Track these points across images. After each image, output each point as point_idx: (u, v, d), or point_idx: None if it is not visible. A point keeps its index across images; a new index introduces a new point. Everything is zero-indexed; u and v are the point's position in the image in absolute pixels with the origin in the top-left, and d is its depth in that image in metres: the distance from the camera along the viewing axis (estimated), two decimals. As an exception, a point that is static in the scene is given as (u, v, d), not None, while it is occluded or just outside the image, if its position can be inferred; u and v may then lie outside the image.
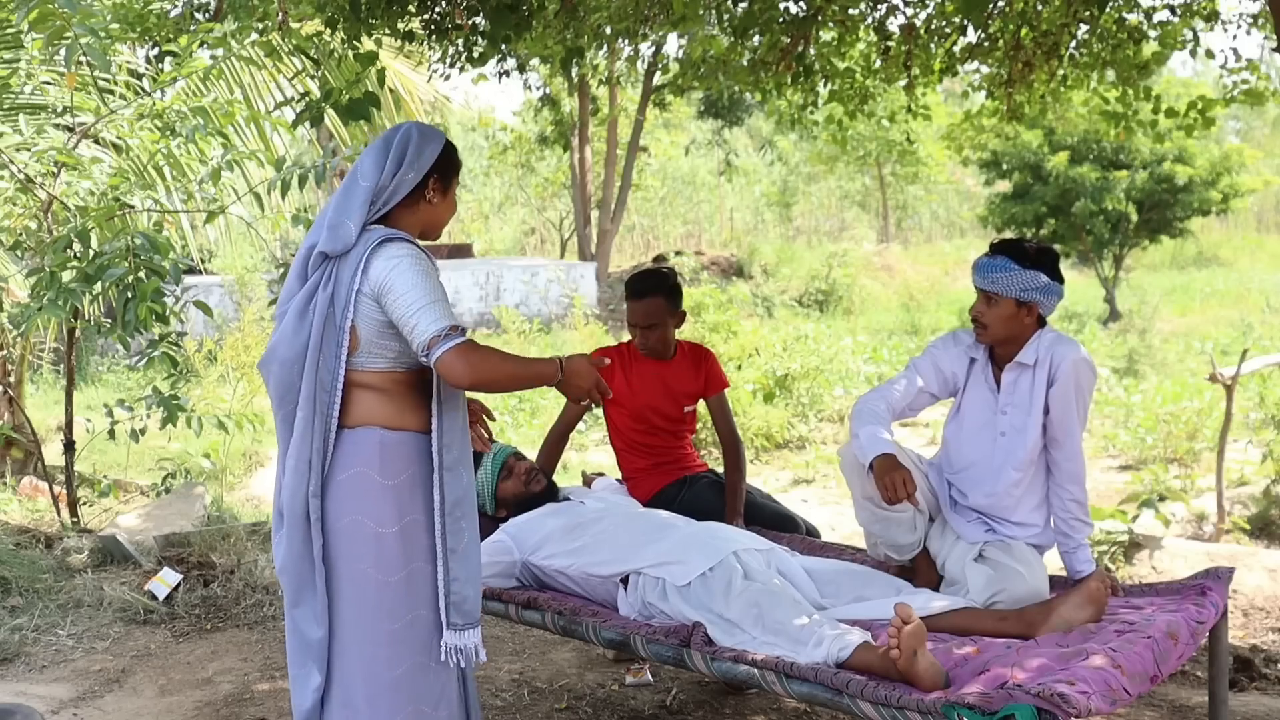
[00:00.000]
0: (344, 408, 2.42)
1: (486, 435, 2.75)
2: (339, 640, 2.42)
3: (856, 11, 5.23)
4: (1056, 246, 19.52)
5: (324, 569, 2.40)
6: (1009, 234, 19.01)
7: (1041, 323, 3.09)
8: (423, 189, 2.48)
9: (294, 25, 4.56)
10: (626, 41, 5.47)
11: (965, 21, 5.18)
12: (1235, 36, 5.37)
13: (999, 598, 2.94)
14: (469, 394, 2.55)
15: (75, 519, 5.46)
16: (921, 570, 3.20)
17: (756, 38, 5.27)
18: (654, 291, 3.82)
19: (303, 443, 2.39)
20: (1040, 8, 5.10)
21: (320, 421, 2.38)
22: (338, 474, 2.40)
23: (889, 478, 2.92)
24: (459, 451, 2.45)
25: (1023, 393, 3.06)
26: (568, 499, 3.62)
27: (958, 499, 3.19)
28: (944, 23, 5.39)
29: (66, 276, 4.49)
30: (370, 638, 2.40)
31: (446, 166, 2.52)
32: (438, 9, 4.47)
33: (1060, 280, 3.05)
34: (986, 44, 5.43)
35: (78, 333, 5.66)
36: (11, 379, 6.26)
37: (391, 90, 7.38)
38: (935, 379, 3.20)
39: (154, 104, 5.15)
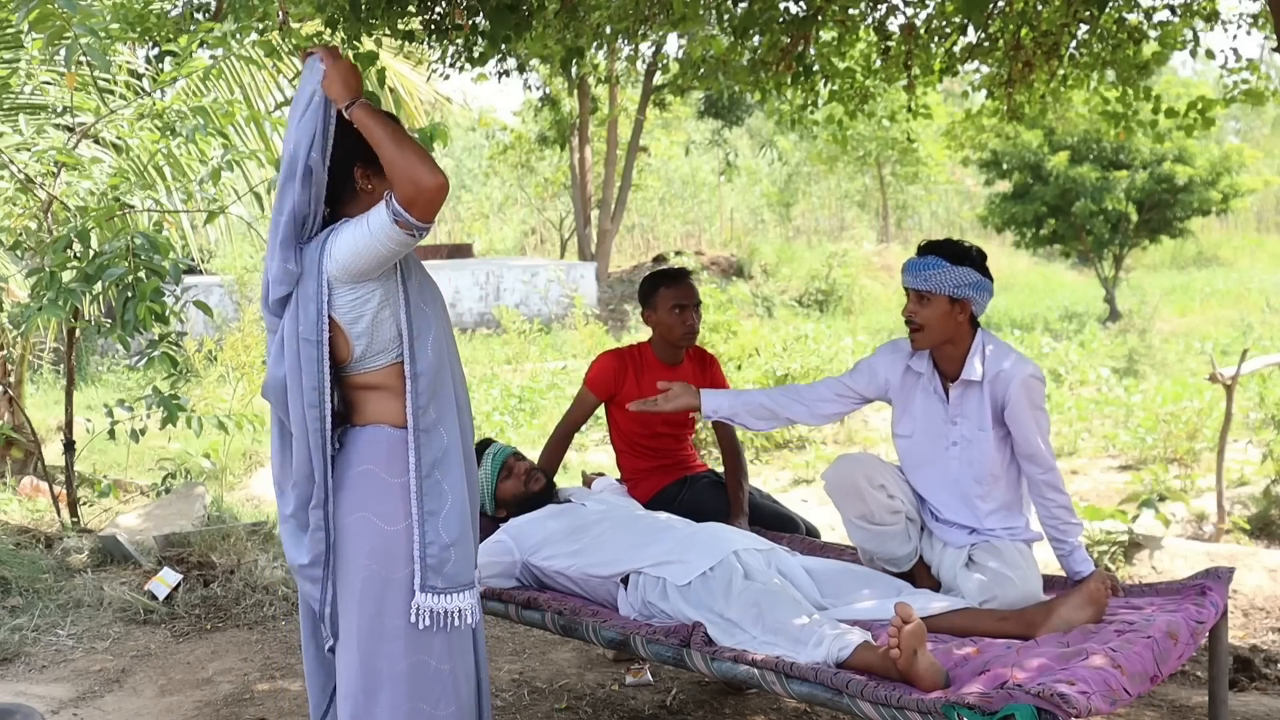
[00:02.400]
0: (354, 408, 2.44)
1: None
2: (342, 634, 2.43)
3: (856, 11, 5.23)
4: (1056, 247, 19.52)
5: (330, 569, 2.42)
6: (1009, 234, 19.03)
7: (974, 323, 3.09)
8: (352, 184, 2.42)
9: (294, 25, 4.56)
10: (626, 41, 5.46)
11: (965, 21, 5.17)
12: (1235, 36, 5.37)
13: (993, 604, 2.95)
14: None
15: (75, 519, 5.46)
16: (920, 579, 3.20)
17: (756, 38, 5.27)
18: (689, 274, 3.95)
19: (301, 464, 2.41)
20: (1040, 8, 5.10)
21: (315, 439, 2.38)
22: (348, 470, 2.41)
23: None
24: (435, 416, 2.42)
25: (971, 406, 3.08)
26: (568, 500, 3.62)
27: (936, 513, 3.20)
28: (944, 23, 5.38)
29: (66, 276, 4.49)
30: (370, 632, 2.40)
31: (370, 152, 2.38)
32: (438, 9, 4.47)
33: (989, 276, 3.08)
34: (986, 44, 5.43)
35: (78, 333, 5.66)
36: (11, 379, 6.26)
37: (391, 90, 7.38)
38: (862, 379, 3.25)
39: (154, 104, 5.14)
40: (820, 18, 5.09)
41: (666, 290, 3.85)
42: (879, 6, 5.27)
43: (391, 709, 2.40)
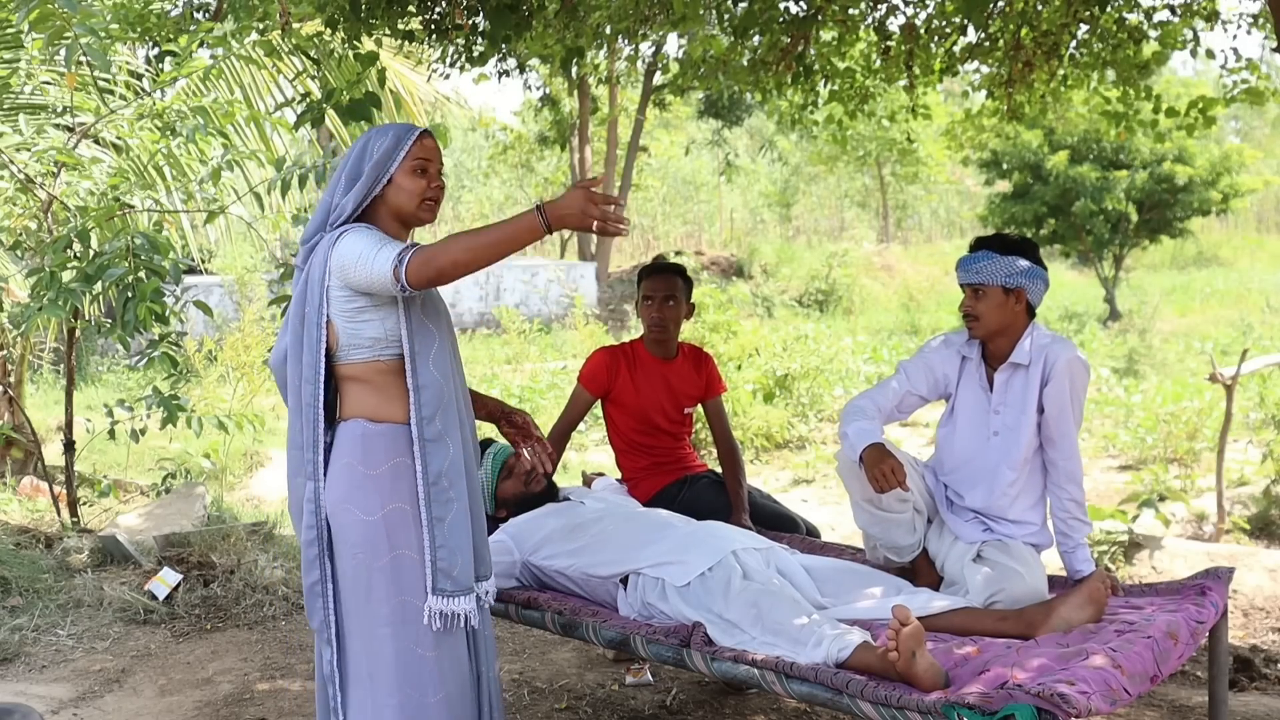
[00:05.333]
0: (340, 401, 2.54)
1: (541, 468, 2.83)
2: (344, 619, 2.52)
3: (856, 11, 5.23)
4: (1056, 247, 19.45)
5: (323, 545, 2.51)
6: (1008, 233, 19.00)
7: (1031, 313, 3.10)
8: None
9: (294, 25, 4.56)
10: (626, 41, 5.47)
11: (965, 21, 5.17)
12: (1235, 36, 5.37)
13: (998, 597, 2.94)
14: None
15: (75, 519, 5.45)
16: (922, 572, 3.19)
17: (756, 38, 5.27)
18: (671, 270, 3.94)
19: (294, 433, 2.52)
20: (1040, 8, 5.10)
21: (308, 412, 2.49)
22: (333, 464, 2.50)
23: (878, 468, 2.94)
24: (441, 428, 2.50)
25: (1015, 392, 3.08)
26: (568, 499, 3.62)
27: (954, 499, 3.19)
28: (944, 23, 5.38)
29: (66, 276, 4.49)
30: (366, 617, 2.48)
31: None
32: (438, 9, 4.47)
33: (1041, 264, 3.08)
34: (986, 44, 5.43)
35: (78, 333, 5.66)
36: (11, 379, 6.26)
37: (392, 90, 7.38)
38: (925, 381, 3.21)
39: (154, 104, 5.15)
40: (820, 18, 5.09)
41: (644, 281, 3.93)
42: (879, 6, 5.27)
43: (385, 694, 2.47)
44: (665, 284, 3.88)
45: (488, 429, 8.72)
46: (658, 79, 17.69)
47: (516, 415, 2.87)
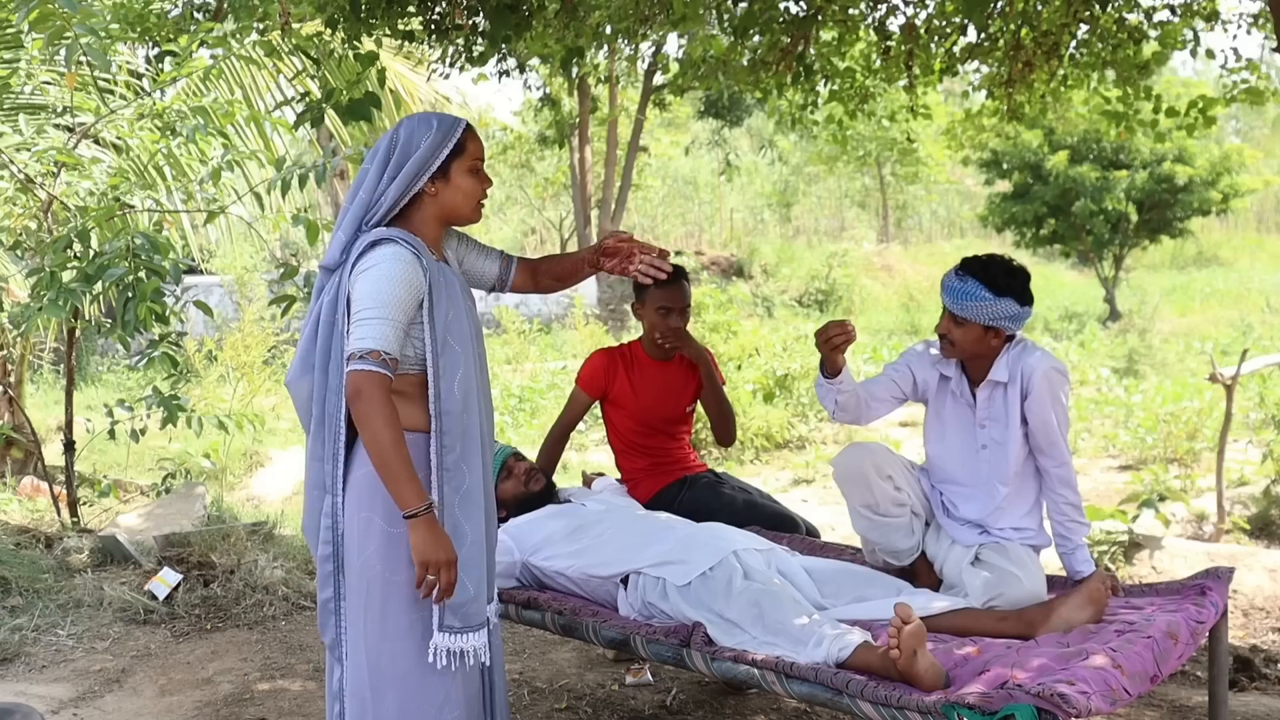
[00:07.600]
0: None
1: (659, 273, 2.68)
2: (350, 633, 2.45)
3: (856, 11, 5.23)
4: (1056, 247, 19.42)
5: (339, 562, 2.45)
6: (1009, 234, 19.00)
7: (1008, 339, 3.10)
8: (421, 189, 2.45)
9: (294, 25, 4.56)
10: (626, 41, 5.47)
11: (965, 21, 5.18)
12: (1235, 36, 5.37)
13: (997, 601, 2.94)
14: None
15: (75, 519, 5.46)
16: (921, 575, 3.20)
17: (756, 38, 5.27)
18: (683, 276, 3.89)
19: (314, 444, 2.45)
20: (1040, 8, 5.10)
21: (331, 423, 2.42)
22: (354, 471, 2.42)
23: (823, 332, 3.04)
24: (462, 451, 2.43)
25: (998, 407, 3.09)
26: (568, 500, 3.62)
27: (950, 509, 3.20)
28: (944, 22, 5.39)
29: (66, 276, 4.49)
30: (375, 633, 2.41)
31: (445, 168, 2.45)
32: (438, 9, 4.47)
33: (1030, 301, 3.06)
34: (986, 44, 5.43)
35: (78, 333, 5.66)
36: (11, 379, 6.26)
37: (392, 90, 7.38)
38: (906, 380, 3.24)
39: (154, 104, 5.15)
40: (820, 18, 5.10)
41: (655, 290, 3.82)
42: (879, 6, 5.27)
43: (398, 709, 2.41)
44: (684, 293, 3.85)
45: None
46: (658, 79, 17.69)
47: (607, 246, 2.72)
